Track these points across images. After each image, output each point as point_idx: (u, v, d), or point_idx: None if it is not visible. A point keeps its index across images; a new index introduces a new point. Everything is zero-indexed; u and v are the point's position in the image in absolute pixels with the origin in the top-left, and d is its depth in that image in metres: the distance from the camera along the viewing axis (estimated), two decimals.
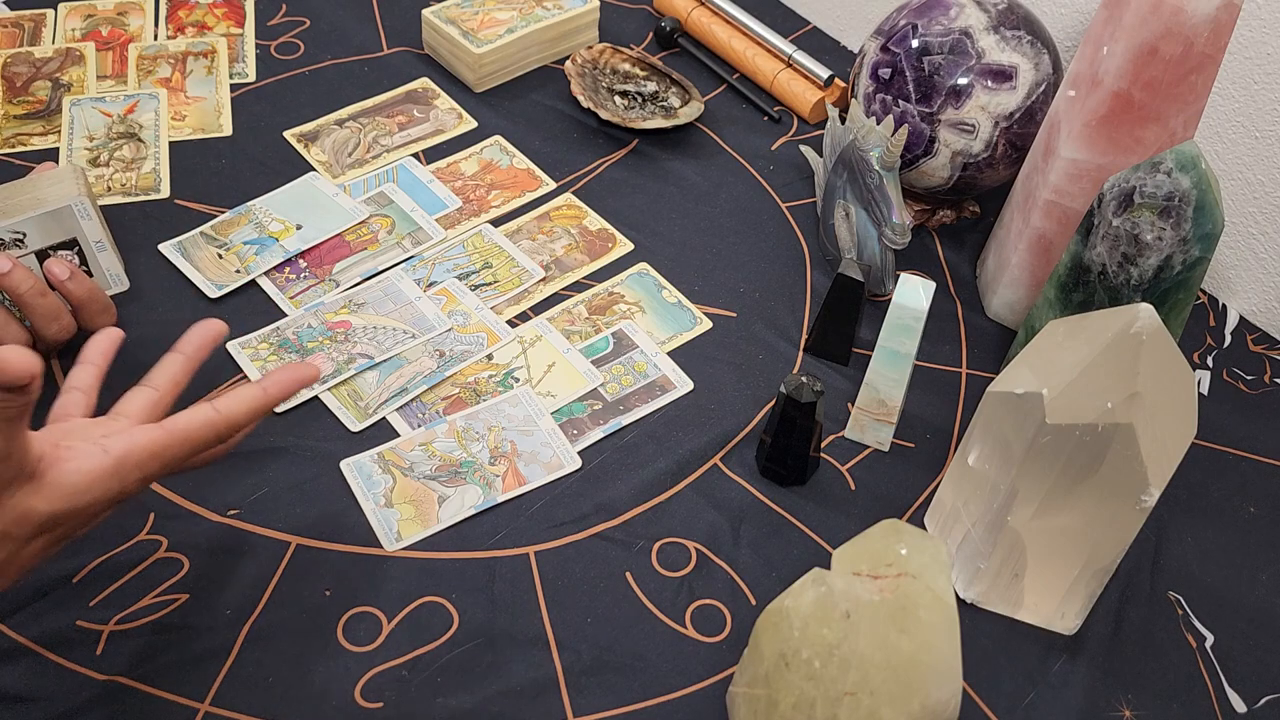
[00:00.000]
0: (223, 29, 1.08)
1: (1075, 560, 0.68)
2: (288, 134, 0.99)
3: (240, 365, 0.80)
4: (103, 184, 0.92)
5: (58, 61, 1.02)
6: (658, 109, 1.04)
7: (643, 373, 0.83)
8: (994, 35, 0.87)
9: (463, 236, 0.92)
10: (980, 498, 0.69)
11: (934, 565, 0.58)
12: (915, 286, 0.75)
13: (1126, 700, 0.70)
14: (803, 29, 1.18)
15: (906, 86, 0.89)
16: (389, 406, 0.79)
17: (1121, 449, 0.61)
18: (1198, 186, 0.71)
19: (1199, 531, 0.79)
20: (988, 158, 0.90)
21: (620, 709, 0.66)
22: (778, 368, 0.85)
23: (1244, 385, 0.89)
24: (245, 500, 0.73)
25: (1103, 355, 0.62)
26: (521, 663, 0.68)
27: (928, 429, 0.83)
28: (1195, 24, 0.72)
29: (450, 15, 1.05)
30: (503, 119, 1.03)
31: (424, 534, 0.73)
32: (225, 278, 0.86)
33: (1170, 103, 0.76)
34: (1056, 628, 0.72)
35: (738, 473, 0.79)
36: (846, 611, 0.57)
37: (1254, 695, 0.71)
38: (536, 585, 0.71)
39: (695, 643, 0.70)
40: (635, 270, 0.91)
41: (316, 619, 0.68)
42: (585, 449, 0.78)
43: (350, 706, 0.65)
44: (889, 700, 0.56)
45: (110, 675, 0.64)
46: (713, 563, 0.74)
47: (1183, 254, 0.73)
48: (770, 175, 1.01)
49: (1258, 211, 0.91)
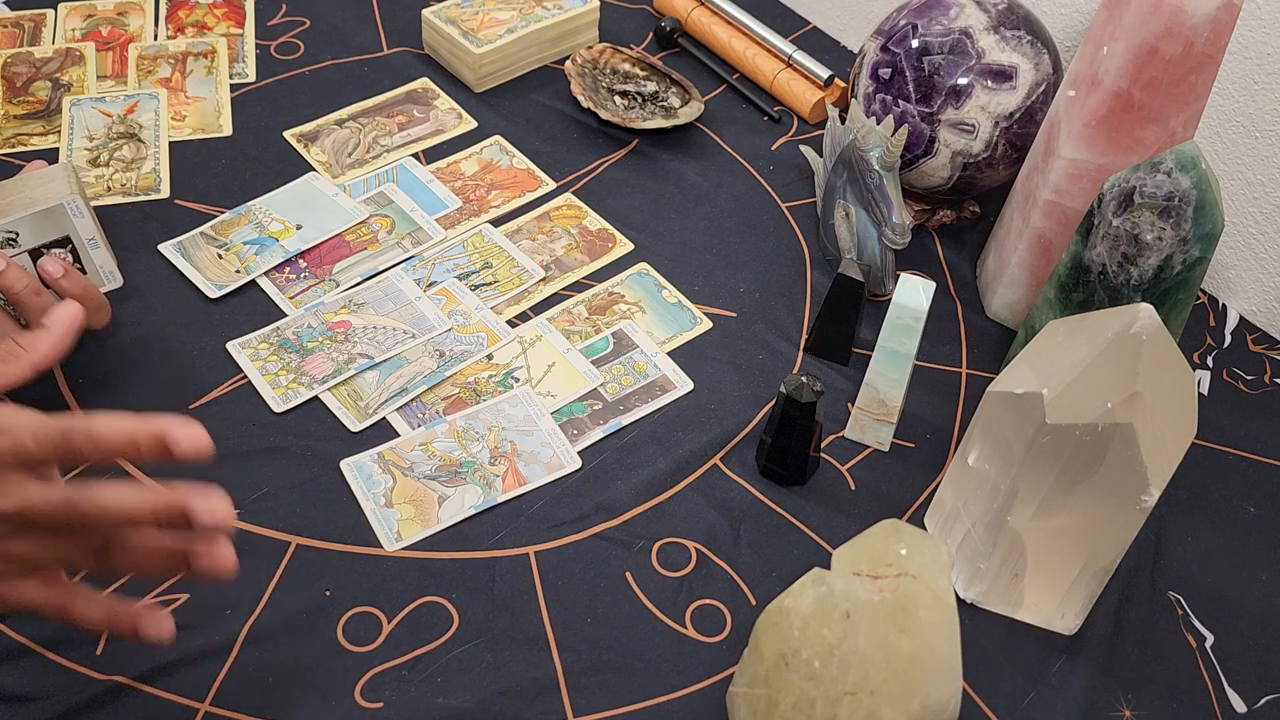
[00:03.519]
0: (223, 29, 1.08)
1: (1075, 560, 0.68)
2: (288, 134, 0.99)
3: (240, 365, 0.80)
4: (102, 184, 0.92)
5: (58, 61, 1.02)
6: (658, 109, 1.04)
7: (643, 373, 0.83)
8: (994, 35, 0.87)
9: (463, 236, 0.92)
10: (980, 498, 0.69)
11: (934, 565, 0.58)
12: (915, 286, 0.75)
13: (1126, 700, 0.70)
14: (803, 29, 1.18)
15: (906, 86, 0.89)
16: (389, 406, 0.79)
17: (1121, 449, 0.61)
18: (1198, 186, 0.71)
19: (1199, 531, 0.79)
20: (988, 158, 0.90)
21: (620, 709, 0.66)
22: (778, 368, 0.85)
23: (1244, 385, 0.89)
24: (245, 500, 0.73)
25: (1103, 355, 0.62)
26: (521, 663, 0.68)
27: (928, 429, 0.83)
28: (1195, 24, 0.72)
29: (450, 15, 1.05)
30: (503, 119, 1.03)
31: (424, 534, 0.73)
32: (225, 278, 0.86)
33: (1170, 103, 0.76)
34: (1056, 628, 0.72)
35: (738, 473, 0.79)
36: (846, 611, 0.57)
37: (1254, 695, 0.71)
38: (536, 585, 0.71)
39: (695, 643, 0.70)
40: (635, 270, 0.91)
41: (316, 619, 0.68)
42: (585, 449, 0.78)
43: (350, 706, 0.65)
44: (889, 700, 0.56)
45: (110, 675, 0.64)
46: (713, 563, 0.74)
47: (1183, 254, 0.73)
48: (770, 175, 1.01)
49: (1258, 211, 0.91)
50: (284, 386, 0.79)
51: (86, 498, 0.52)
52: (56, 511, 0.52)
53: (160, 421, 0.53)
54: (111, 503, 0.52)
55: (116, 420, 0.53)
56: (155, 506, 0.52)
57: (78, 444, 0.52)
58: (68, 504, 0.52)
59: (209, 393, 0.79)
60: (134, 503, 0.52)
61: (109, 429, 0.52)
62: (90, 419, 0.53)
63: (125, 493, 0.52)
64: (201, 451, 0.53)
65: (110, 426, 0.52)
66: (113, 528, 0.54)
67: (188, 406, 0.78)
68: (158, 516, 0.53)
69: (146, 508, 0.52)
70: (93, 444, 0.52)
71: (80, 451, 0.52)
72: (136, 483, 0.54)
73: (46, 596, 0.55)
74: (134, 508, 0.52)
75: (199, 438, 0.53)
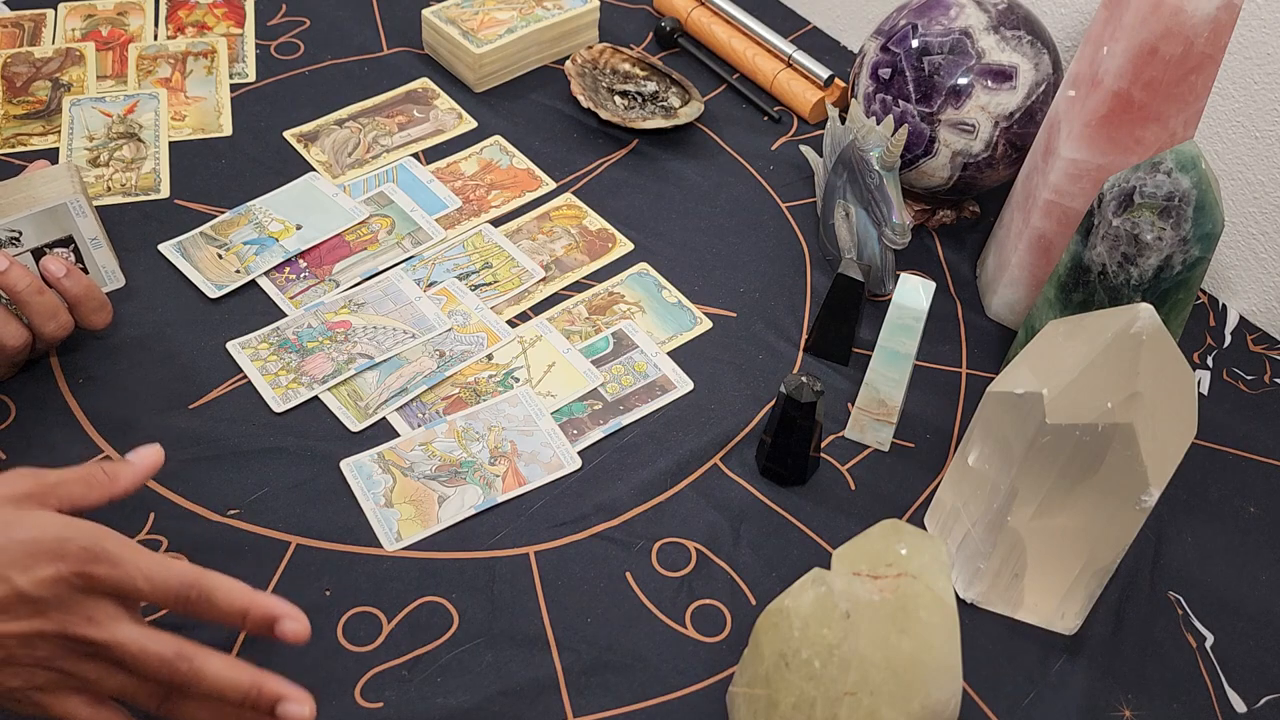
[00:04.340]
0: (223, 29, 1.08)
1: (1075, 560, 0.68)
2: (288, 134, 0.99)
3: (240, 365, 0.80)
4: (103, 184, 0.92)
5: (58, 61, 1.02)
6: (658, 109, 1.04)
7: (643, 373, 0.83)
8: (994, 35, 0.87)
9: (463, 236, 0.92)
10: (980, 498, 0.69)
11: (934, 565, 0.58)
12: (915, 286, 0.75)
13: (1126, 700, 0.70)
14: (803, 29, 1.18)
15: (906, 86, 0.89)
16: (389, 406, 0.79)
17: (1121, 449, 0.61)
18: (1198, 186, 0.71)
19: (1199, 531, 0.79)
20: (988, 158, 0.90)
21: (620, 709, 0.66)
22: (778, 368, 0.85)
23: (1244, 385, 0.89)
24: (245, 500, 0.73)
25: (1103, 355, 0.62)
26: (521, 663, 0.68)
27: (928, 429, 0.83)
28: (1195, 24, 0.72)
29: (450, 15, 1.05)
30: (503, 119, 1.03)
31: (424, 534, 0.73)
32: (225, 278, 0.86)
33: (1170, 103, 0.76)
34: (1056, 628, 0.72)
35: (738, 473, 0.79)
36: (846, 611, 0.57)
37: (1254, 695, 0.71)
38: (536, 585, 0.71)
39: (695, 643, 0.70)
40: (635, 270, 0.91)
41: (316, 619, 0.68)
42: (585, 449, 0.78)
43: (350, 706, 0.65)
44: (889, 700, 0.56)
45: None
46: (713, 563, 0.74)
47: (1183, 254, 0.73)
48: (770, 175, 1.01)
49: (1258, 211, 0.91)
50: (284, 386, 0.79)
51: (190, 664, 0.53)
52: (149, 663, 0.53)
53: (274, 604, 0.55)
54: (211, 677, 0.53)
55: (235, 590, 0.54)
56: (248, 694, 0.54)
57: (193, 602, 0.54)
58: (164, 663, 0.52)
59: (209, 393, 0.79)
60: (231, 684, 0.53)
61: (227, 599, 0.54)
62: (212, 582, 0.54)
63: (226, 671, 0.53)
64: (301, 641, 0.55)
65: (229, 597, 0.54)
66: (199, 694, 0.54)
67: (188, 407, 0.78)
68: (247, 701, 0.54)
69: (240, 692, 0.54)
70: (209, 607, 0.54)
71: (193, 610, 0.54)
72: (237, 662, 0.54)
73: (94, 716, 0.54)
74: (229, 689, 0.53)
75: (304, 630, 0.55)
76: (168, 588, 0.53)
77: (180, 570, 0.54)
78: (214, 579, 0.54)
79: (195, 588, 0.54)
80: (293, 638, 0.55)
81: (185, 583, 0.53)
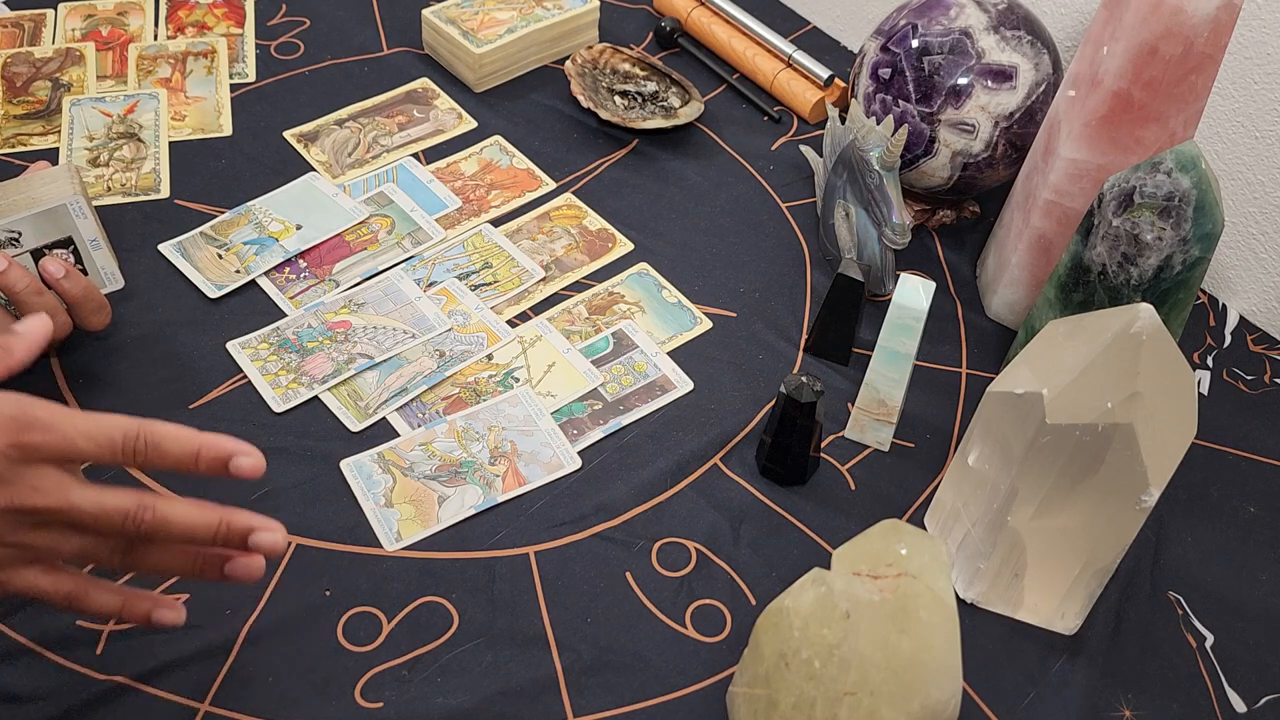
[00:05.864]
0: (223, 29, 1.08)
1: (1075, 560, 0.68)
2: (288, 134, 0.99)
3: (240, 365, 0.80)
4: (102, 184, 0.92)
5: (58, 61, 1.02)
6: (658, 109, 1.04)
7: (643, 373, 0.83)
8: (994, 35, 0.87)
9: (463, 236, 0.92)
10: (980, 498, 0.69)
11: (934, 565, 0.58)
12: (915, 286, 0.75)
13: (1126, 700, 0.70)
14: (803, 29, 1.18)
15: (906, 86, 0.89)
16: (389, 406, 0.79)
17: (1121, 449, 0.61)
18: (1198, 186, 0.71)
19: (1199, 531, 0.79)
20: (988, 158, 0.90)
21: (620, 709, 0.66)
22: (778, 368, 0.85)
23: (1244, 385, 0.89)
24: (245, 500, 0.73)
25: (1103, 355, 0.62)
26: (521, 663, 0.68)
27: (928, 429, 0.83)
28: (1195, 24, 0.72)
29: (450, 15, 1.05)
30: (503, 119, 1.03)
31: (424, 534, 0.73)
32: (225, 278, 0.86)
33: (1170, 103, 0.76)
34: (1056, 628, 0.72)
35: (738, 473, 0.79)
36: (846, 611, 0.57)
37: (1254, 695, 0.71)
38: (536, 585, 0.71)
39: (695, 643, 0.70)
40: (635, 270, 0.91)
41: (316, 619, 0.68)
42: (585, 449, 0.78)
43: (350, 706, 0.65)
44: (889, 700, 0.56)
45: (110, 675, 0.64)
46: (713, 563, 0.74)
47: (1183, 254, 0.73)
48: (770, 175, 1.01)
49: (1258, 211, 0.91)
50: (284, 386, 0.79)
51: (153, 513, 0.51)
52: (110, 520, 0.51)
53: (225, 442, 0.53)
54: (177, 522, 0.52)
55: (183, 433, 0.52)
56: (218, 531, 0.52)
57: (140, 451, 0.52)
58: (126, 516, 0.51)
59: (209, 393, 0.79)
60: (198, 524, 0.52)
61: (176, 443, 0.52)
62: (157, 428, 0.52)
63: (192, 513, 0.52)
64: (257, 475, 0.53)
65: (178, 441, 0.52)
66: (165, 540, 0.53)
67: (188, 407, 0.78)
68: (217, 539, 0.53)
69: (209, 531, 0.52)
70: (159, 455, 0.52)
71: (142, 460, 0.52)
72: (201, 502, 0.53)
73: (55, 584, 0.54)
74: (197, 529, 0.52)
75: (259, 464, 0.53)
76: (111, 442, 0.51)
77: (120, 422, 0.51)
78: (158, 425, 0.52)
79: (140, 436, 0.51)
80: (249, 472, 0.53)
81: (128, 434, 0.51)
